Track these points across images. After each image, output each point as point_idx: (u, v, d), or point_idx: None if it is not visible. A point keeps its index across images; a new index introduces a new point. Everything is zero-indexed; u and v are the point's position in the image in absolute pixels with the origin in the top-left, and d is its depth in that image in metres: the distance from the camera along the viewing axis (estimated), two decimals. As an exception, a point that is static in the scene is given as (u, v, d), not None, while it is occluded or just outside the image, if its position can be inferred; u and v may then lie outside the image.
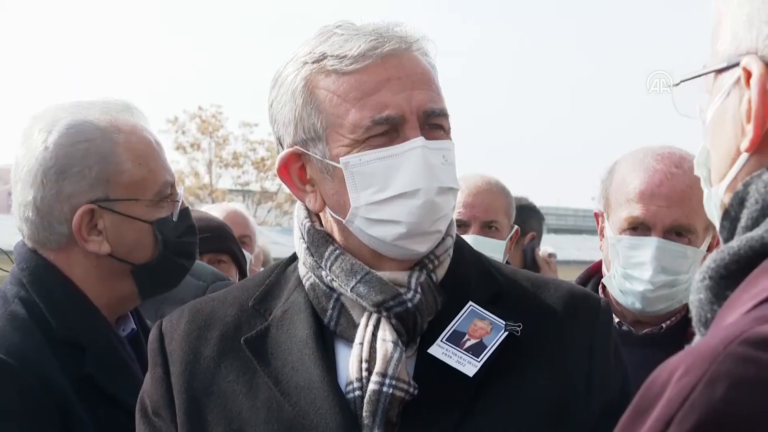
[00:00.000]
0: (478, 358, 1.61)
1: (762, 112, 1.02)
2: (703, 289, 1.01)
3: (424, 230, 1.62)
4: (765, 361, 0.80)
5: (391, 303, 1.62)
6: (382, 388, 1.57)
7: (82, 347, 2.01)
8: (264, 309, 1.73)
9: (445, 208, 1.64)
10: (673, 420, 0.81)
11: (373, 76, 1.61)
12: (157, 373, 1.72)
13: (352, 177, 1.61)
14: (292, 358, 1.65)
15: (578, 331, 1.68)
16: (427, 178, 1.60)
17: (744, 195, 1.05)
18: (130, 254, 2.08)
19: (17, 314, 2.00)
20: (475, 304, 1.67)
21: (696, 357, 0.83)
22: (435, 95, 1.65)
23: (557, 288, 1.74)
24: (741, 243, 0.98)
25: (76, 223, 2.03)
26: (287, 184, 1.72)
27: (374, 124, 1.59)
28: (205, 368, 1.69)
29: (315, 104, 1.64)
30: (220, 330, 1.72)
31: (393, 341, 1.60)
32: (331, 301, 1.67)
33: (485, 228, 3.44)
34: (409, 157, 1.60)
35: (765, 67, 1.02)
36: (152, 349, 1.75)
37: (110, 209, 2.04)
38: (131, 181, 2.05)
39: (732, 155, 1.08)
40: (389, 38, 1.62)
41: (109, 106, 2.11)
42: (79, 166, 2.01)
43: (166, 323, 1.77)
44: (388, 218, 1.61)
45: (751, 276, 0.95)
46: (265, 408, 1.62)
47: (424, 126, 1.62)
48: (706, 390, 0.80)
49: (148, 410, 1.73)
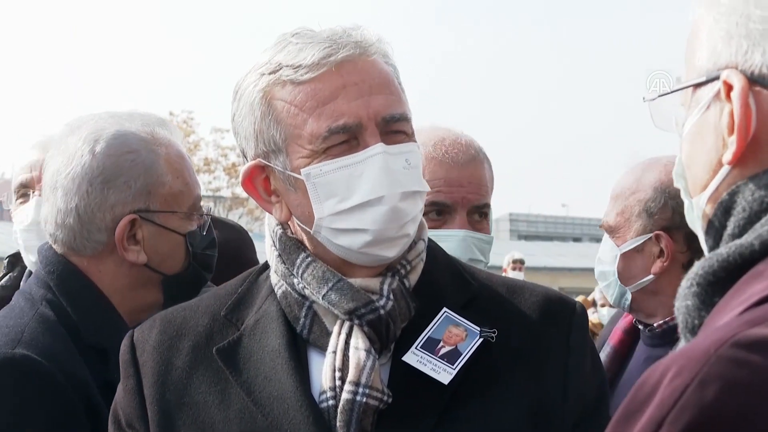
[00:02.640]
0: (453, 366, 1.60)
1: (745, 125, 1.04)
2: (690, 296, 1.02)
3: (391, 236, 1.61)
4: (756, 363, 0.81)
5: (363, 310, 1.60)
6: (355, 397, 1.55)
7: (106, 352, 2.03)
8: (236, 318, 1.71)
9: (411, 212, 1.62)
10: (665, 421, 0.82)
11: (328, 84, 1.59)
12: (130, 385, 1.70)
13: (314, 188, 1.60)
14: (264, 368, 1.63)
15: (554, 336, 1.67)
16: (389, 185, 1.58)
17: (729, 204, 1.06)
18: (162, 264, 2.14)
19: (47, 317, 2.04)
20: (449, 310, 1.66)
21: (688, 359, 0.84)
22: (394, 99, 1.63)
23: (532, 293, 1.73)
24: (730, 250, 0.99)
25: (119, 232, 2.08)
26: (253, 196, 1.71)
27: (331, 134, 1.58)
28: (177, 379, 1.67)
29: (273, 116, 1.62)
30: (192, 340, 1.70)
31: (366, 349, 1.59)
32: (303, 309, 1.66)
33: (474, 215, 2.39)
34: (369, 165, 1.58)
35: (746, 80, 1.04)
36: (124, 360, 1.73)
37: (150, 220, 2.10)
38: (170, 194, 2.12)
39: (713, 167, 1.09)
40: (343, 44, 1.60)
41: (146, 119, 2.17)
42: (126, 177, 2.07)
43: (138, 333, 1.75)
44: (354, 227, 1.60)
45: (740, 282, 0.97)
46: (238, 419, 1.60)
47: (384, 132, 1.61)
48: (698, 392, 0.81)
49: (121, 422, 1.71)
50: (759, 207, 1.03)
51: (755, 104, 1.04)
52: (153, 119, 2.19)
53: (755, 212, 1.03)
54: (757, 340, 0.83)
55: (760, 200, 1.03)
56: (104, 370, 2.01)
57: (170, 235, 2.12)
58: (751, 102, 1.04)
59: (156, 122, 2.18)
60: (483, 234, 2.40)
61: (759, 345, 0.82)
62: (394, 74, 1.67)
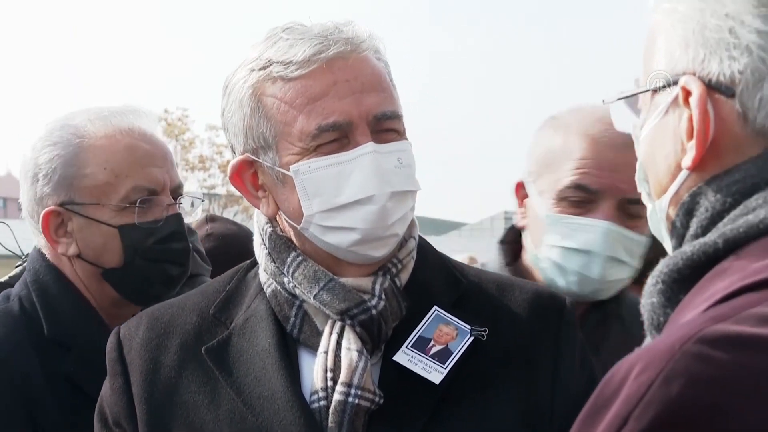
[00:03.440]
0: (444, 365, 1.59)
1: (704, 130, 1.07)
2: (655, 293, 1.05)
3: (379, 235, 1.59)
4: (719, 359, 0.83)
5: (355, 311, 1.59)
6: (347, 398, 1.54)
7: (68, 345, 2.04)
8: (225, 317, 1.70)
9: (400, 211, 1.61)
10: (630, 416, 0.84)
11: (319, 81, 1.57)
12: (117, 383, 1.69)
13: (303, 185, 1.59)
14: (254, 368, 1.62)
15: (543, 333, 1.67)
16: (379, 184, 1.57)
17: (691, 206, 1.10)
18: (98, 258, 2.11)
19: (10, 311, 2.07)
20: (439, 308, 1.65)
21: (653, 355, 0.86)
22: (386, 97, 1.61)
23: (522, 290, 1.72)
24: (694, 248, 1.02)
25: (43, 225, 2.09)
26: (240, 190, 1.70)
27: (321, 131, 1.57)
28: (165, 378, 1.66)
29: (263, 112, 1.61)
30: (180, 338, 1.69)
31: (358, 350, 1.57)
32: (294, 309, 1.64)
33: (626, 209, 2.08)
34: (359, 164, 1.57)
35: (704, 87, 1.07)
36: (111, 358, 1.72)
37: (76, 212, 2.08)
38: (95, 186, 2.08)
39: (672, 170, 1.13)
40: (335, 41, 1.58)
41: (106, 111, 2.15)
42: (45, 170, 2.08)
43: (124, 330, 1.73)
44: (342, 225, 1.59)
45: (704, 279, 0.99)
46: (228, 419, 1.59)
47: (375, 130, 1.59)
48: (663, 387, 0.83)
49: (108, 421, 1.69)
50: (721, 207, 1.06)
51: (713, 110, 1.07)
52: (117, 110, 2.15)
53: (718, 212, 1.06)
54: (720, 337, 0.85)
55: (722, 201, 1.06)
56: (62, 363, 2.02)
57: (100, 227, 2.08)
58: (710, 108, 1.07)
59: (120, 112, 2.14)
60: (633, 232, 2.07)
61: (722, 341, 0.84)
62: (386, 71, 1.65)
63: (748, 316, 0.87)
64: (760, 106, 1.04)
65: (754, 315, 0.87)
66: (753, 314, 0.87)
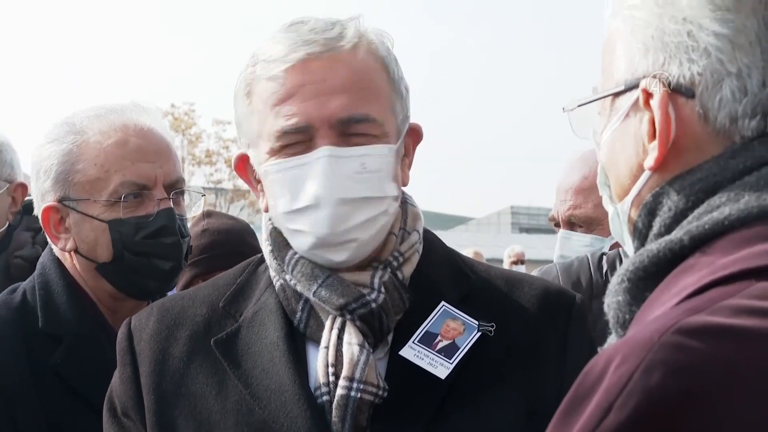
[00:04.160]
0: (450, 360, 1.59)
1: (666, 131, 1.09)
2: (621, 292, 1.07)
3: (334, 241, 1.59)
4: (697, 348, 0.86)
5: (354, 305, 1.59)
6: (350, 392, 1.55)
7: (59, 339, 2.07)
8: (234, 310, 1.71)
9: (358, 217, 1.58)
10: (612, 407, 0.86)
11: (290, 82, 1.58)
12: (126, 373, 1.70)
13: (270, 186, 1.61)
14: (262, 361, 1.63)
15: (551, 330, 1.66)
16: (327, 190, 1.56)
17: (654, 206, 1.12)
18: (92, 252, 2.14)
19: (8, 303, 2.12)
20: (447, 303, 1.65)
21: (632, 346, 0.88)
22: (357, 99, 1.58)
23: (531, 286, 1.72)
24: (660, 245, 1.04)
25: (43, 219, 2.13)
26: (246, 182, 1.73)
27: (284, 134, 1.58)
28: (174, 369, 1.67)
29: (251, 108, 1.63)
30: (189, 329, 1.70)
31: (359, 344, 1.58)
32: (300, 303, 1.65)
33: None
34: (312, 168, 1.57)
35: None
36: (121, 348, 1.73)
37: (72, 208, 2.12)
38: (86, 181, 2.11)
39: (634, 172, 1.15)
40: (311, 41, 1.57)
41: (105, 108, 2.17)
42: (45, 166, 2.13)
43: (135, 321, 1.74)
44: (299, 228, 1.60)
45: (671, 276, 1.02)
46: (235, 411, 1.60)
47: (343, 133, 1.58)
48: (643, 377, 0.85)
49: (117, 410, 1.70)
50: (684, 206, 1.08)
51: (674, 112, 1.10)
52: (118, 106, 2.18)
53: (681, 211, 1.09)
54: (698, 327, 0.87)
55: (685, 200, 1.08)
56: (51, 356, 2.05)
57: (92, 222, 2.11)
58: (671, 110, 1.10)
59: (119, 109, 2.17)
60: None
61: (699, 331, 0.87)
62: (377, 72, 1.63)
63: (723, 308, 0.89)
64: (720, 106, 1.07)
65: (728, 306, 0.89)
66: (727, 305, 0.89)
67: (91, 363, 2.06)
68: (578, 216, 2.71)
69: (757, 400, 0.83)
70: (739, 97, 1.07)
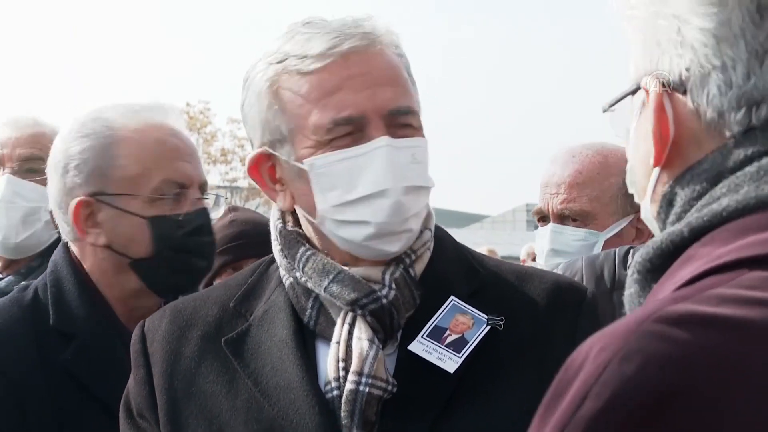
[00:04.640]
0: (459, 354, 1.60)
1: (659, 128, 1.11)
2: (632, 283, 1.08)
3: (394, 230, 1.60)
4: (677, 337, 0.84)
5: (364, 301, 1.60)
6: (358, 387, 1.56)
7: (72, 336, 2.08)
8: (245, 309, 1.72)
9: (415, 206, 1.62)
10: (588, 395, 0.85)
11: (334, 75, 1.58)
12: (140, 374, 1.72)
13: (317, 179, 1.60)
14: (272, 359, 1.64)
15: (562, 324, 1.66)
16: (393, 178, 1.58)
17: (671, 197, 1.13)
18: (127, 248, 2.14)
19: (19, 301, 2.13)
20: (456, 298, 1.66)
21: (612, 335, 0.88)
22: (401, 92, 1.62)
23: (542, 280, 1.72)
24: (663, 237, 1.05)
25: (73, 214, 2.12)
26: (258, 183, 1.72)
27: (335, 125, 1.58)
28: (185, 368, 1.68)
29: (279, 106, 1.62)
30: (201, 330, 1.71)
31: (368, 339, 1.59)
32: (310, 300, 1.66)
33: None
34: (373, 158, 1.58)
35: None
36: (135, 350, 1.75)
37: (106, 203, 2.12)
38: (125, 176, 2.12)
39: (648, 170, 1.17)
40: (351, 35, 1.59)
41: (137, 106, 2.19)
42: (77, 161, 2.12)
43: (149, 323, 1.76)
44: (356, 219, 1.60)
45: (672, 267, 1.02)
46: (245, 408, 1.61)
47: (390, 125, 1.60)
48: (621, 365, 0.84)
49: (132, 412, 1.73)
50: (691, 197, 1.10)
51: (672, 108, 1.10)
52: (148, 106, 2.20)
53: (688, 202, 1.10)
54: (678, 315, 0.86)
55: (692, 192, 1.09)
56: (62, 353, 2.06)
57: (131, 218, 2.12)
58: (668, 106, 1.10)
59: (150, 108, 2.19)
60: None
61: (680, 319, 0.86)
62: (404, 66, 1.66)
63: (709, 296, 0.88)
64: (708, 102, 1.08)
65: (714, 295, 0.89)
66: (713, 294, 0.89)
67: (102, 361, 2.08)
68: (573, 209, 2.70)
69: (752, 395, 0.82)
70: (725, 90, 1.07)
